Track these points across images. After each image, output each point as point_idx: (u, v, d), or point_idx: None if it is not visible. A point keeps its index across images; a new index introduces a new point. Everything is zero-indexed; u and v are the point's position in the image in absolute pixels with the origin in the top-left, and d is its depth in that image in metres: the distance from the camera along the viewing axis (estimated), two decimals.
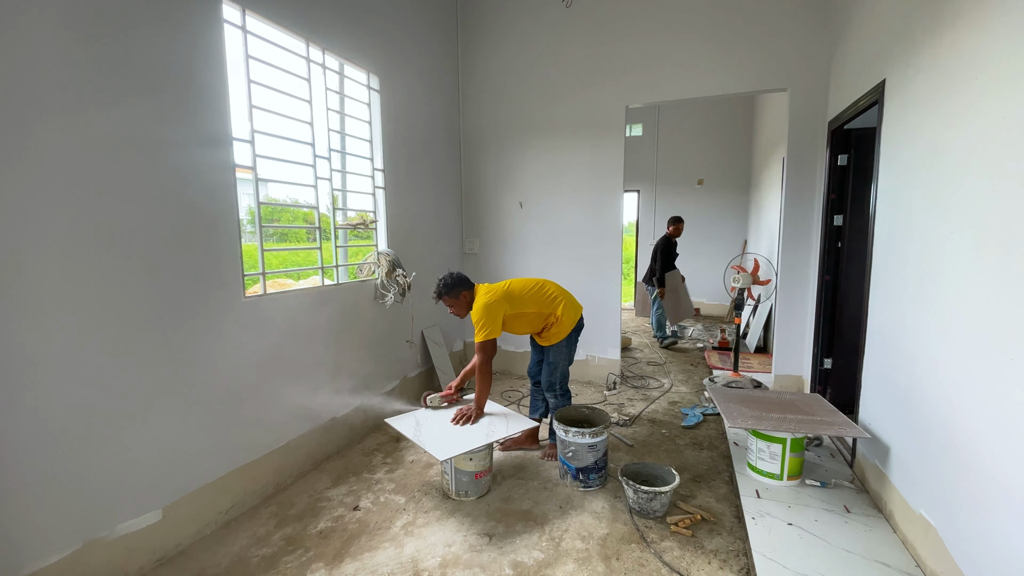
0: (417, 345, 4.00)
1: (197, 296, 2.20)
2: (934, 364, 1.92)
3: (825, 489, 2.44)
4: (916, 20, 2.16)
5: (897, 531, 2.10)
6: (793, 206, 3.80)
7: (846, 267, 3.35)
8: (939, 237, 1.92)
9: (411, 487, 2.69)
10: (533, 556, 2.11)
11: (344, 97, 3.22)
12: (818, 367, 3.52)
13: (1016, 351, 1.45)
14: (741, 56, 3.79)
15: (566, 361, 2.96)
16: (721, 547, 2.16)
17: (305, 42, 2.81)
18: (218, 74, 2.26)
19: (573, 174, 4.38)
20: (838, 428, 2.35)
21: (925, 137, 2.06)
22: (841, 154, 3.31)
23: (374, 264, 3.43)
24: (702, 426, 3.50)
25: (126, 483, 1.96)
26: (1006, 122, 1.54)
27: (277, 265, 3.43)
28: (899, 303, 2.24)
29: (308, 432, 2.86)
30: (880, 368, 2.43)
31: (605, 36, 4.13)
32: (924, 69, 2.08)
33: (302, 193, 3.04)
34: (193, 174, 2.16)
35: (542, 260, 4.55)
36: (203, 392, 2.24)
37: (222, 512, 2.35)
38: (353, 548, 2.18)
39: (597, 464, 2.62)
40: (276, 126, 2.64)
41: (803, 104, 3.67)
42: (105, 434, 1.88)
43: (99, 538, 1.87)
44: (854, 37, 3.03)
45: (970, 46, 1.76)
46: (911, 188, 2.18)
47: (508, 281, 2.91)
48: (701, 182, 8.06)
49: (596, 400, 4.04)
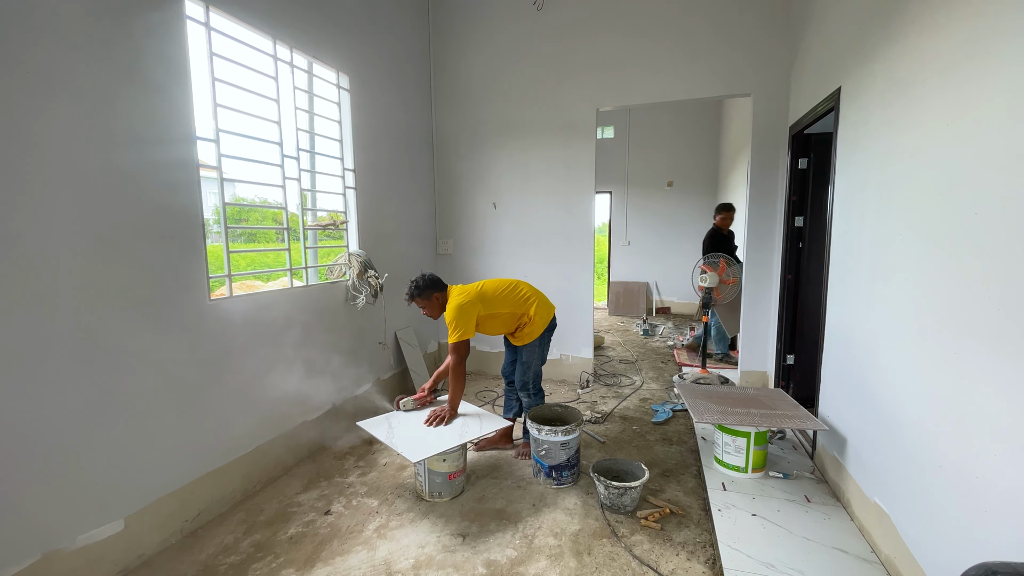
0: (390, 347, 3.97)
1: (159, 300, 2.14)
2: (885, 359, 2.02)
3: (787, 480, 2.54)
4: (868, 32, 2.27)
5: (854, 519, 2.19)
6: (757, 208, 3.93)
7: (807, 266, 3.48)
8: (889, 238, 2.02)
9: (384, 490, 2.67)
10: (506, 554, 2.13)
11: (313, 96, 3.17)
12: (781, 363, 3.65)
13: (958, 345, 1.54)
14: (707, 62, 3.90)
15: (539, 360, 2.99)
16: (689, 539, 2.22)
17: (272, 40, 2.76)
18: (180, 71, 2.20)
19: (546, 175, 4.42)
20: (799, 421, 2.45)
21: (877, 143, 2.17)
22: (801, 158, 3.44)
23: (345, 265, 3.39)
24: (672, 422, 3.58)
25: (85, 492, 1.89)
26: (949, 129, 1.63)
27: (245, 266, 3.36)
28: (854, 301, 2.35)
29: (278, 437, 2.81)
30: (837, 364, 2.54)
31: (576, 39, 4.19)
32: (876, 78, 2.19)
33: (271, 193, 2.99)
34: (152, 172, 2.10)
35: (516, 260, 4.57)
36: (165, 398, 2.18)
37: (188, 520, 2.29)
38: (325, 553, 2.15)
39: (569, 461, 2.65)
40: (243, 125, 2.59)
41: (766, 109, 3.80)
42: (62, 442, 1.81)
43: (58, 549, 1.80)
44: (812, 46, 3.15)
45: (917, 57, 1.86)
46: (864, 191, 2.28)
47: (481, 282, 2.93)
48: (671, 184, 8.23)
49: (570, 398, 4.09)
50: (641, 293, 8.22)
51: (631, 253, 8.54)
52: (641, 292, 8.22)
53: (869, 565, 1.91)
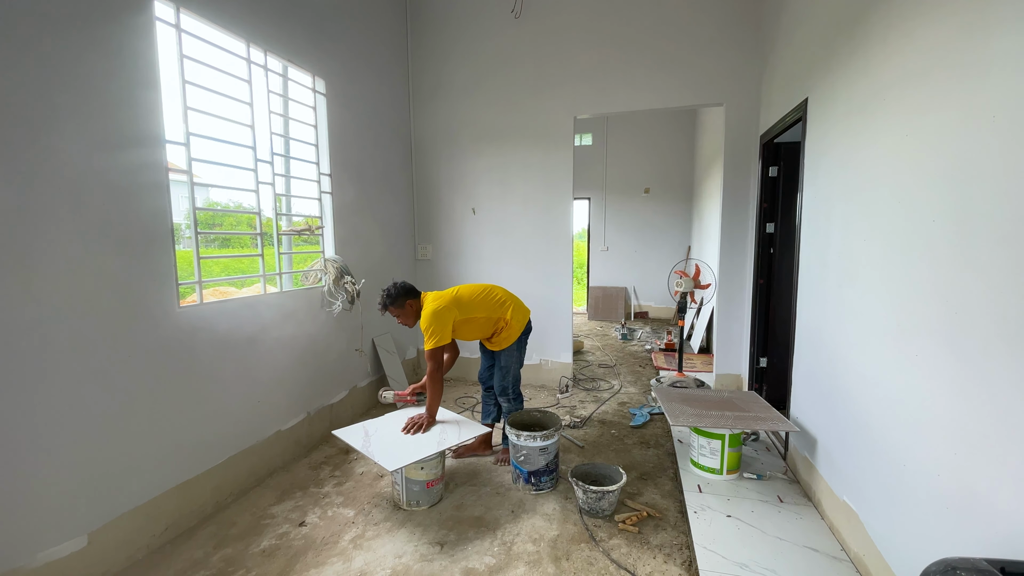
0: (367, 354, 3.92)
1: (125, 307, 2.07)
2: (852, 360, 2.08)
3: (761, 481, 2.59)
4: (834, 45, 2.35)
5: (825, 518, 2.25)
6: (730, 214, 4.03)
7: (778, 271, 3.57)
8: (853, 244, 2.09)
9: (361, 500, 2.63)
10: (485, 562, 2.11)
11: (288, 100, 3.13)
12: (755, 366, 3.73)
13: (918, 347, 1.60)
14: (681, 72, 3.99)
15: (517, 364, 2.99)
16: (666, 542, 2.24)
17: (245, 43, 2.72)
18: (148, 73, 2.15)
19: (525, 181, 4.44)
20: (771, 423, 2.50)
21: (841, 152, 2.25)
22: (772, 166, 3.54)
23: (320, 271, 3.34)
24: (649, 425, 3.62)
25: (46, 507, 1.81)
26: (907, 140, 1.70)
27: (219, 273, 3.28)
28: (822, 305, 2.42)
29: (250, 447, 2.75)
30: (808, 366, 2.60)
31: (553, 48, 4.24)
32: (840, 89, 2.27)
33: (245, 198, 2.93)
34: (118, 176, 2.03)
35: (496, 266, 4.58)
36: (130, 409, 2.11)
37: (155, 536, 2.21)
38: (299, 565, 2.10)
39: (548, 467, 2.66)
40: (215, 129, 2.54)
41: (738, 118, 3.90)
42: (21, 456, 1.73)
43: (17, 568, 1.72)
44: (781, 58, 3.25)
45: (877, 73, 1.93)
46: (830, 199, 2.36)
47: (456, 287, 2.91)
48: (648, 191, 8.36)
49: (549, 403, 4.09)
50: (620, 298, 8.31)
51: (610, 258, 8.63)
52: (620, 297, 8.32)
53: (839, 563, 1.96)
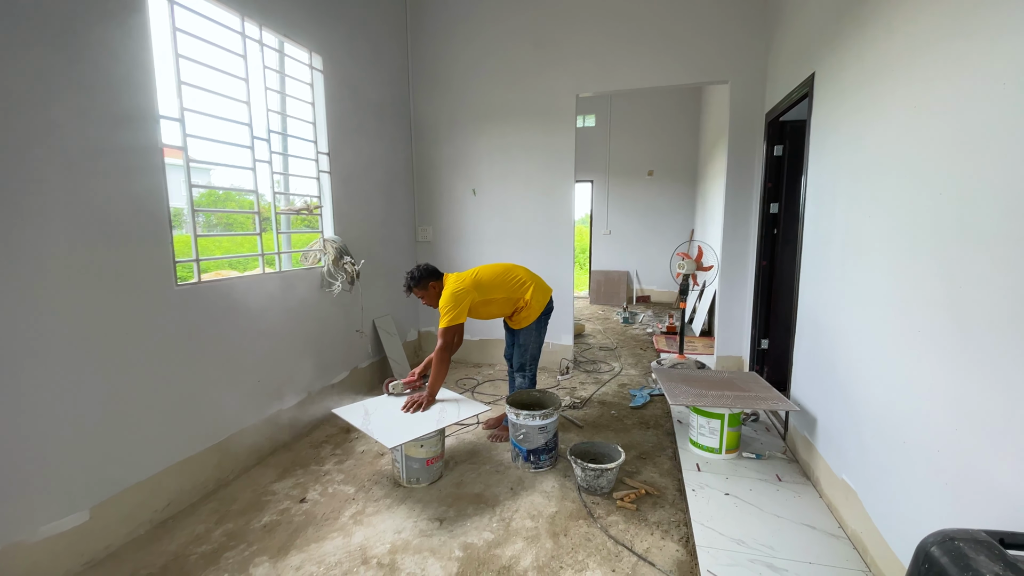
0: (368, 335, 3.92)
1: (122, 286, 2.06)
2: (854, 339, 2.06)
3: (760, 460, 2.59)
4: (842, 17, 2.29)
5: (823, 496, 2.25)
6: (734, 195, 3.97)
7: (781, 252, 3.54)
8: (859, 222, 2.05)
9: (361, 477, 2.65)
10: (483, 537, 2.13)
11: (285, 77, 3.08)
12: (756, 348, 3.72)
13: (922, 325, 1.58)
14: (685, 49, 3.90)
15: (536, 343, 3.04)
16: (664, 519, 2.25)
17: (240, 16, 2.66)
18: (141, 45, 2.11)
19: (527, 161, 4.39)
20: (771, 403, 2.50)
21: (848, 129, 2.20)
22: (777, 145, 3.48)
23: (319, 251, 3.32)
24: (649, 406, 3.62)
25: (48, 482, 1.83)
26: (916, 112, 1.66)
27: (218, 253, 3.27)
28: (825, 285, 2.40)
29: (252, 425, 2.76)
30: (809, 346, 2.59)
31: (556, 24, 4.15)
32: (848, 64, 2.21)
33: (242, 177, 2.90)
34: (112, 153, 2.01)
35: (496, 248, 4.54)
36: (131, 387, 2.11)
37: (157, 511, 2.23)
38: (299, 540, 2.13)
39: (547, 445, 2.67)
40: (210, 105, 2.50)
41: (743, 97, 3.82)
42: (23, 431, 1.74)
43: (19, 541, 1.74)
44: (787, 33, 3.17)
45: (886, 44, 1.88)
46: (837, 176, 2.32)
47: (476, 269, 2.96)
48: (651, 173, 8.28)
49: (550, 384, 4.10)
50: (622, 282, 8.28)
51: (612, 242, 8.58)
52: (622, 281, 8.28)
53: (837, 540, 1.96)
